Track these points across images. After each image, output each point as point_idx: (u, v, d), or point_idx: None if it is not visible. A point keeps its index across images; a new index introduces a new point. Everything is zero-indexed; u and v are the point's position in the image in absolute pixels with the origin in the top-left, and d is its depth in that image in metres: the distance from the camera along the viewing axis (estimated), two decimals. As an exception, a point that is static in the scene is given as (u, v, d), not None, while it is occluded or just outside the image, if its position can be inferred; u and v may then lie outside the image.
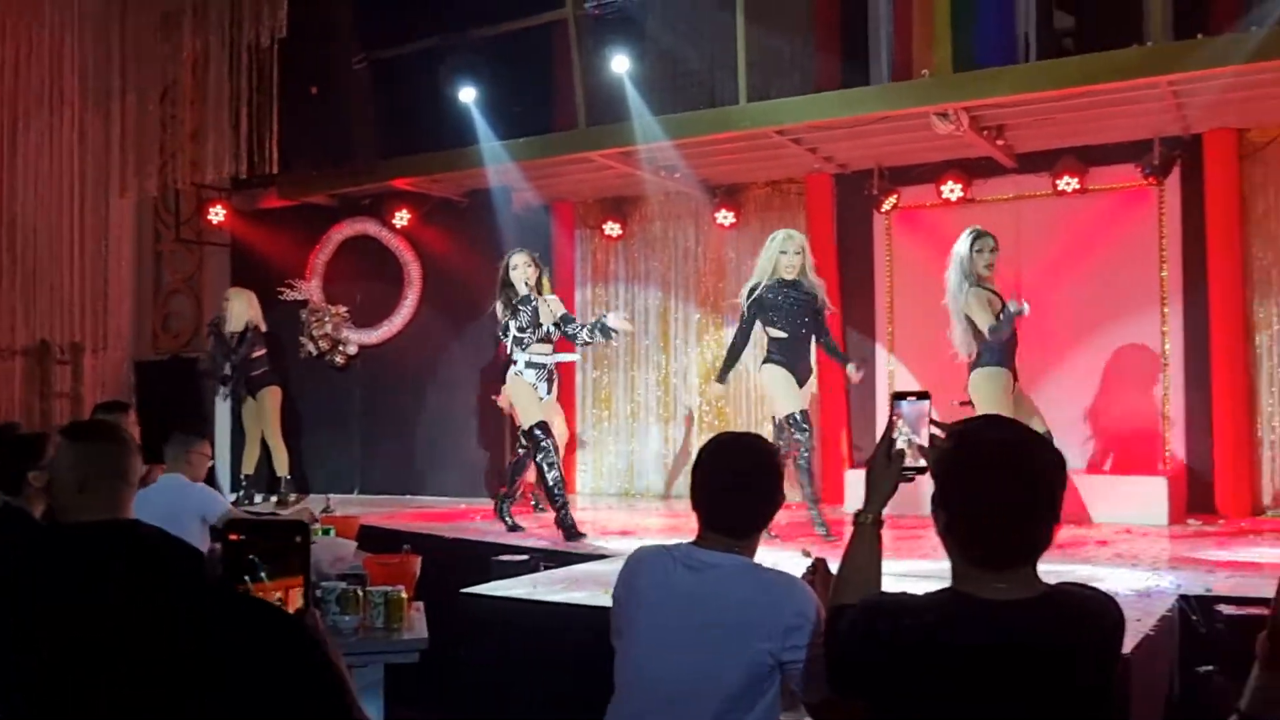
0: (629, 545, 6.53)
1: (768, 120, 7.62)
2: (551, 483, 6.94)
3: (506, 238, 9.44)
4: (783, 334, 6.84)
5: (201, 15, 9.18)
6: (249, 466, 9.39)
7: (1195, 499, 7.77)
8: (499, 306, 7.26)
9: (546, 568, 5.95)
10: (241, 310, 9.37)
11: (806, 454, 6.70)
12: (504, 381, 7.50)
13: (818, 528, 6.65)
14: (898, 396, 2.26)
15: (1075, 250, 8.30)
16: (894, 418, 2.22)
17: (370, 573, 3.97)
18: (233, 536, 1.90)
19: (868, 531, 2.17)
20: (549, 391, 7.24)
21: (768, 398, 6.87)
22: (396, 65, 9.49)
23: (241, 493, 9.30)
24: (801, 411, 6.70)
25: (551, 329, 7.17)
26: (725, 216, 9.39)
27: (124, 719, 1.67)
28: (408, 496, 9.66)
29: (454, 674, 4.76)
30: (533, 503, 8.31)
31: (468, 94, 8.60)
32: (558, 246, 10.19)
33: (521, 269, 7.08)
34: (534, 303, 7.08)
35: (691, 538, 2.61)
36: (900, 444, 2.19)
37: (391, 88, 9.49)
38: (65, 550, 2.07)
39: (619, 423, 10.19)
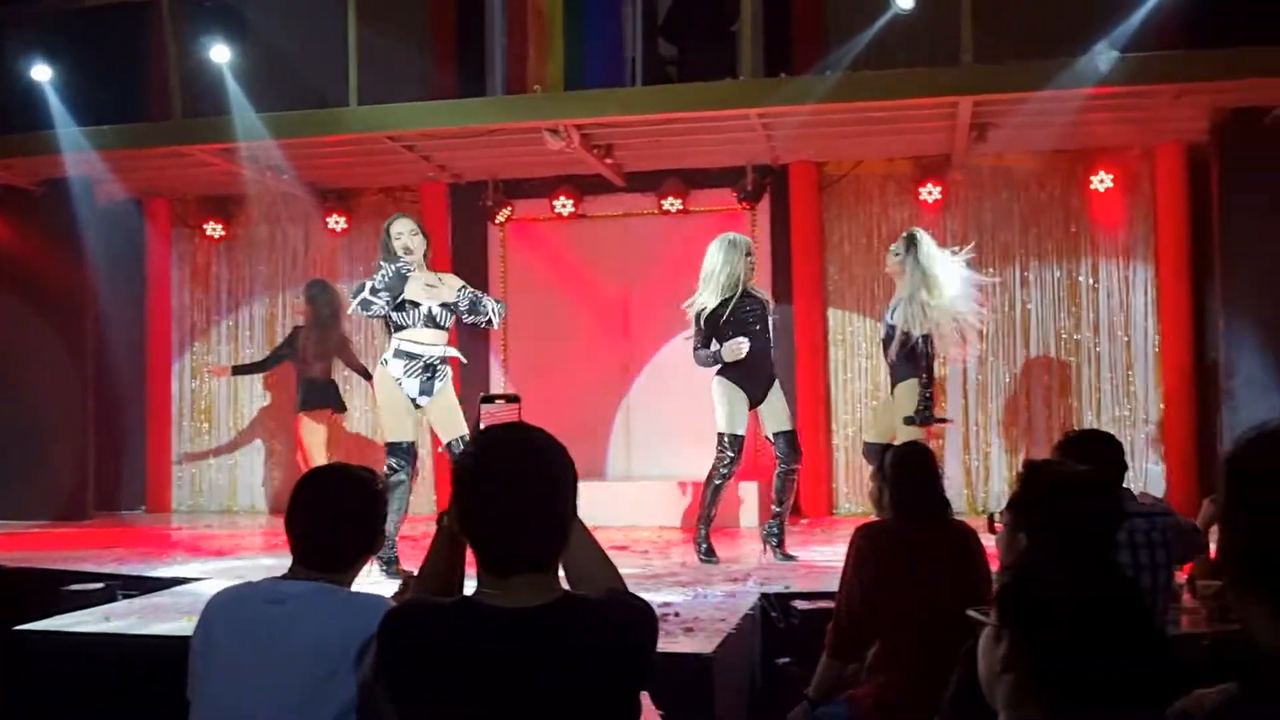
0: (224, 567, 6.15)
1: (379, 125, 7.44)
2: (388, 528, 5.51)
3: (89, 233, 8.63)
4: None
5: None
6: None
7: (781, 501, 8.39)
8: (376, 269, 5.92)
9: (125, 596, 5.45)
10: None
11: (723, 473, 6.15)
12: None
13: (698, 547, 6.19)
14: (485, 400, 2.22)
15: (680, 267, 8.72)
16: (481, 421, 2.18)
17: (-108, 615, 3.42)
18: None
19: (446, 533, 2.13)
20: (425, 391, 5.77)
21: (716, 410, 6.21)
22: (-47, 33, 8.37)
23: None
24: (734, 435, 6.13)
25: (439, 311, 5.80)
26: (337, 222, 9.09)
27: None
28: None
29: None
30: None
31: (42, 72, 7.73)
32: (151, 246, 9.44)
33: (406, 238, 5.72)
34: (406, 271, 5.66)
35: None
36: None
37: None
38: None
39: (220, 435, 9.58)
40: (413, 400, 5.77)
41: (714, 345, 6.18)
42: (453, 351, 5.96)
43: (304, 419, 8.05)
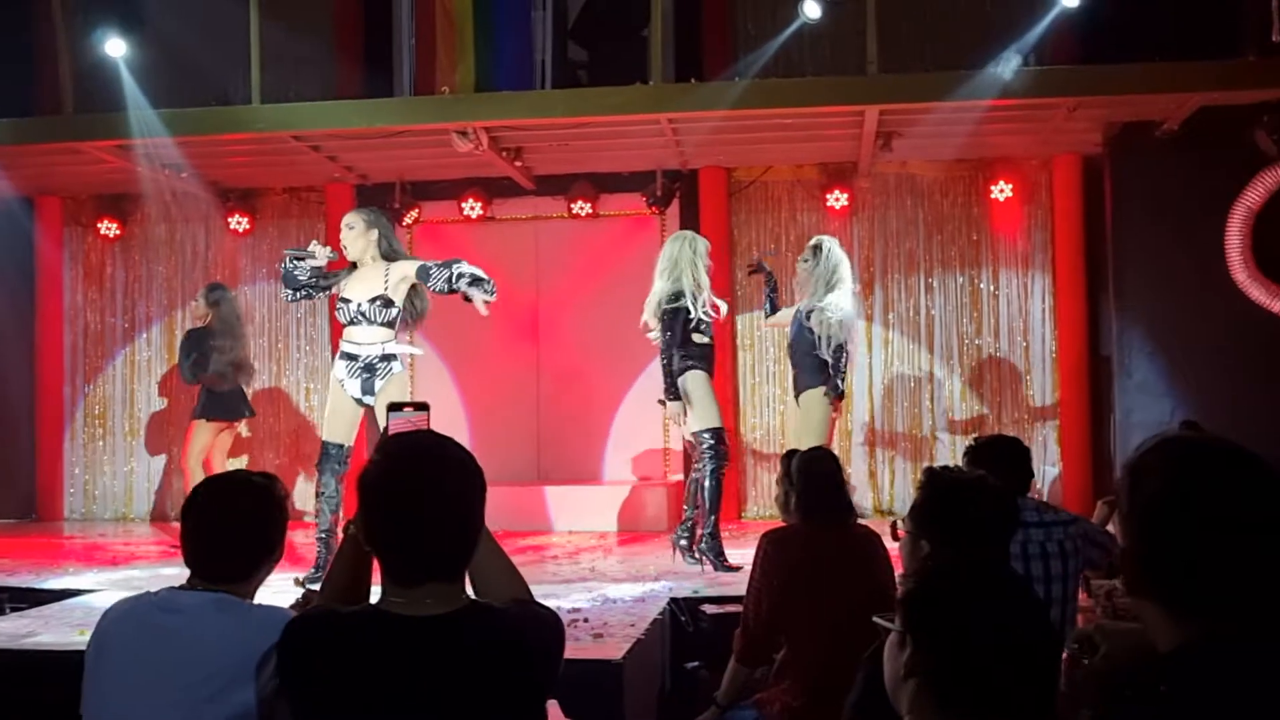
0: (118, 577, 5.97)
1: (283, 124, 7.27)
2: (319, 532, 5.71)
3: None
4: (707, 339, 6.22)
5: None
6: None
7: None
8: None
9: (15, 609, 5.27)
10: None
11: (722, 469, 6.12)
12: None
13: (714, 556, 6.07)
14: (393, 408, 2.19)
15: (588, 271, 8.76)
16: (389, 429, 2.15)
17: None
18: None
19: (351, 542, 2.11)
20: (367, 390, 5.59)
21: (694, 407, 6.18)
22: None
23: None
24: (720, 429, 6.14)
25: (368, 307, 5.58)
26: (239, 222, 8.89)
27: None
28: None
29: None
30: None
31: (-74, 64, 7.43)
32: (42, 245, 9.13)
33: (344, 232, 5.73)
34: (291, 265, 5.66)
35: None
36: None
37: None
38: None
39: (116, 440, 9.29)
40: (358, 401, 5.67)
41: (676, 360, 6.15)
42: (398, 348, 5.73)
43: (201, 424, 7.60)
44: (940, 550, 2.50)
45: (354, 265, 5.74)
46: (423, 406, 2.20)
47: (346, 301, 5.64)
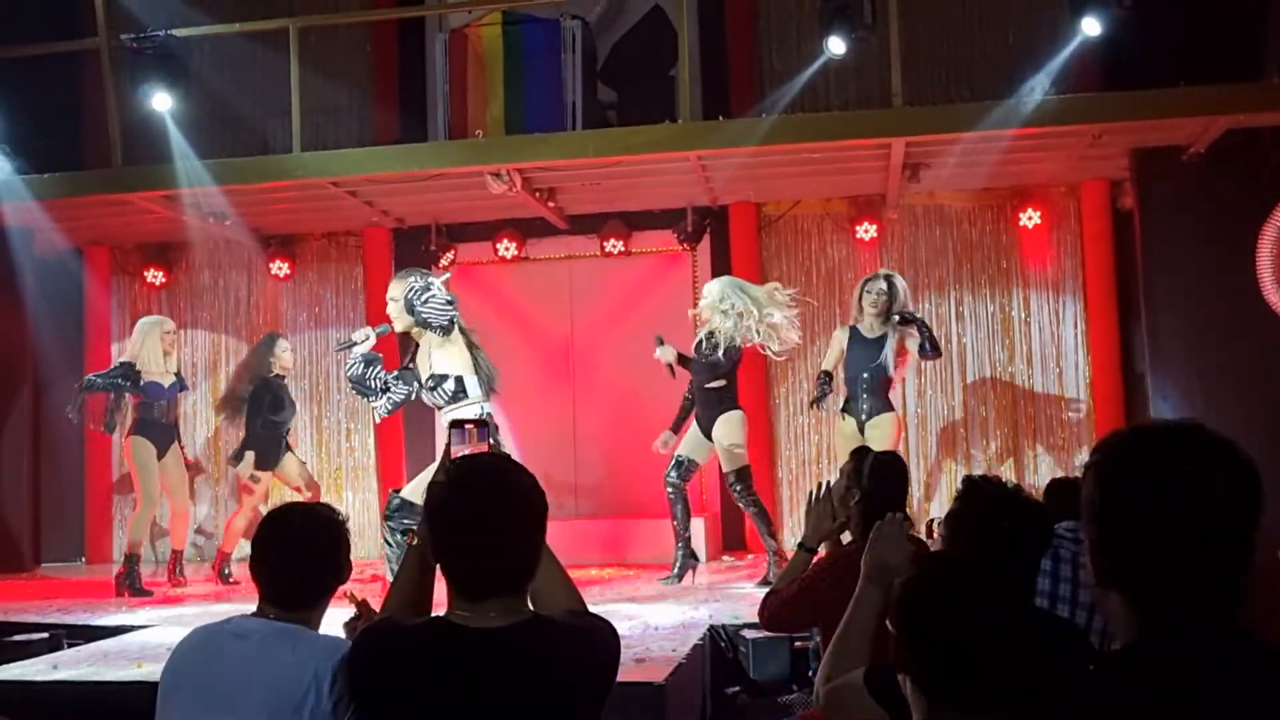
0: (170, 614, 6.10)
1: (322, 171, 7.46)
2: None
3: (28, 283, 8.57)
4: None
5: None
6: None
7: (729, 537, 8.49)
8: None
9: (71, 645, 5.39)
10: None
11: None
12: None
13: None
14: (455, 425, 2.33)
15: (622, 307, 8.87)
16: (451, 445, 2.29)
17: None
18: None
19: (414, 554, 2.22)
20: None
21: (740, 443, 6.88)
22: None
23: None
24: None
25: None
26: (280, 267, 9.09)
27: None
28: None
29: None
30: None
31: (-22, 121, 7.69)
32: (91, 294, 9.35)
33: None
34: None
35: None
36: None
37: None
38: None
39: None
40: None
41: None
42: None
43: (264, 474, 7.66)
44: (959, 551, 2.55)
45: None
46: (482, 424, 2.33)
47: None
